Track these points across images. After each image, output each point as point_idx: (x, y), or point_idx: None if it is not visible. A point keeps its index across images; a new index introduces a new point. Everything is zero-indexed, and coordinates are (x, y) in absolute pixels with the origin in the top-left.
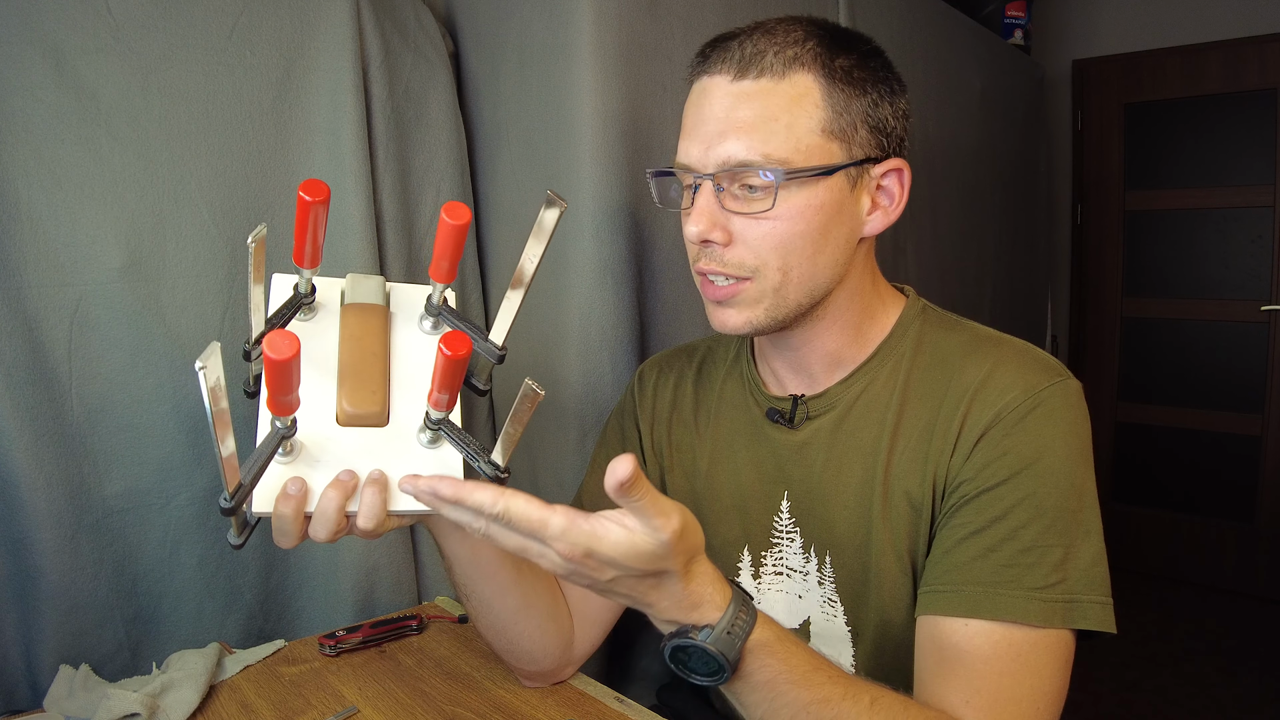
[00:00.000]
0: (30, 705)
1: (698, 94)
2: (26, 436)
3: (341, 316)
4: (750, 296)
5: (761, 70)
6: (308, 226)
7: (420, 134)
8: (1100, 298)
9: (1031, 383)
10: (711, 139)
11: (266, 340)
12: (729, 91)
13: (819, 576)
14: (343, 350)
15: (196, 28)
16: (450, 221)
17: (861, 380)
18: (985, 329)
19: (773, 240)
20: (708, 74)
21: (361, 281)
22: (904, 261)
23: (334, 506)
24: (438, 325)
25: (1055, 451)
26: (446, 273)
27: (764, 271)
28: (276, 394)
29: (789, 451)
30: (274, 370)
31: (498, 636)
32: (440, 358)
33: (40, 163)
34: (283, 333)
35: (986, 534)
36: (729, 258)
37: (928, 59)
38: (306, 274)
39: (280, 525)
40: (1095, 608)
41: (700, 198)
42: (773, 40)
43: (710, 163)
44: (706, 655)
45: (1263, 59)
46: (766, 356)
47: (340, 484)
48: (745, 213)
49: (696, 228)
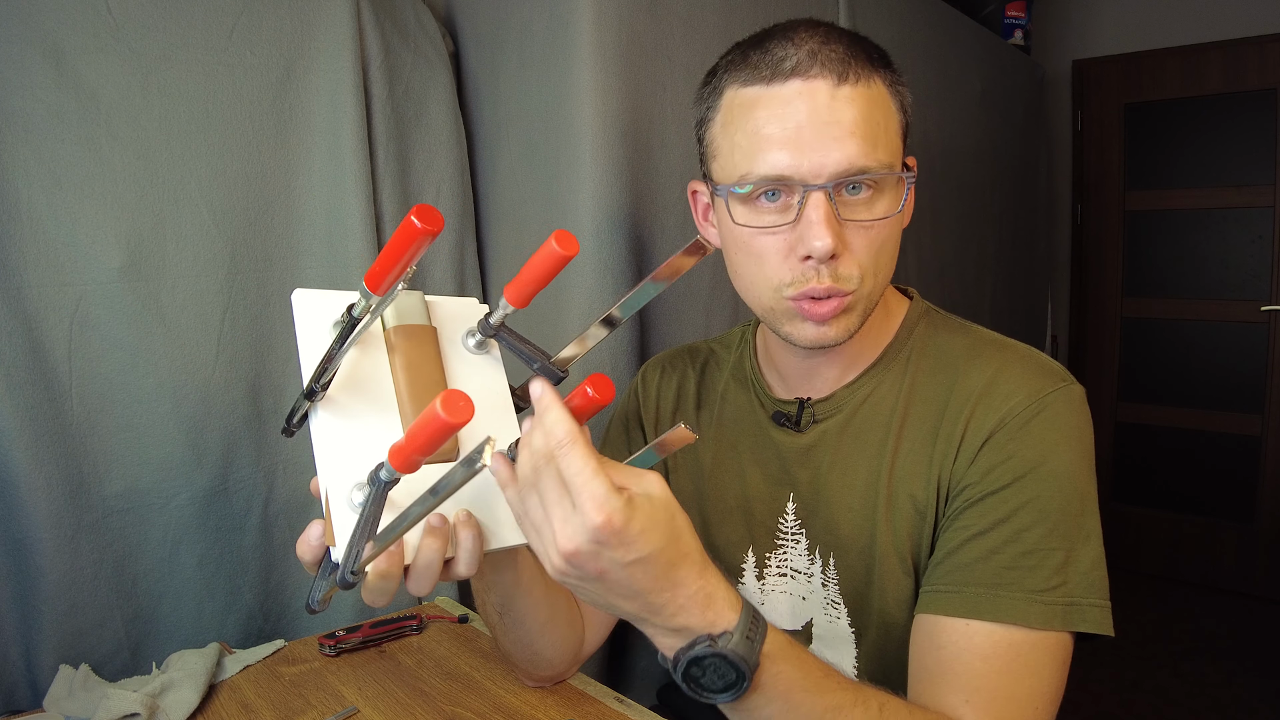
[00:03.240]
0: (30, 705)
1: (787, 99)
2: (26, 436)
3: (393, 343)
4: (849, 305)
5: (858, 74)
6: (405, 253)
7: (420, 134)
8: (1100, 298)
9: (1036, 388)
10: (825, 145)
11: (444, 398)
12: (835, 95)
13: (823, 578)
14: (400, 379)
15: (196, 28)
16: (559, 251)
17: (868, 384)
18: (989, 333)
19: (875, 247)
20: (802, 78)
21: (403, 299)
22: (904, 261)
23: (437, 557)
24: (483, 345)
25: (1059, 456)
26: (526, 297)
27: (866, 279)
28: (419, 453)
29: (794, 454)
30: (441, 432)
31: (524, 649)
32: (581, 398)
33: (40, 163)
34: (459, 394)
35: (989, 536)
36: (841, 271)
37: (928, 59)
38: (375, 300)
39: (381, 585)
40: (1094, 610)
41: (815, 210)
42: (842, 46)
43: (825, 171)
44: (725, 665)
45: (1263, 59)
46: (775, 361)
47: (436, 532)
48: (862, 220)
49: (826, 242)
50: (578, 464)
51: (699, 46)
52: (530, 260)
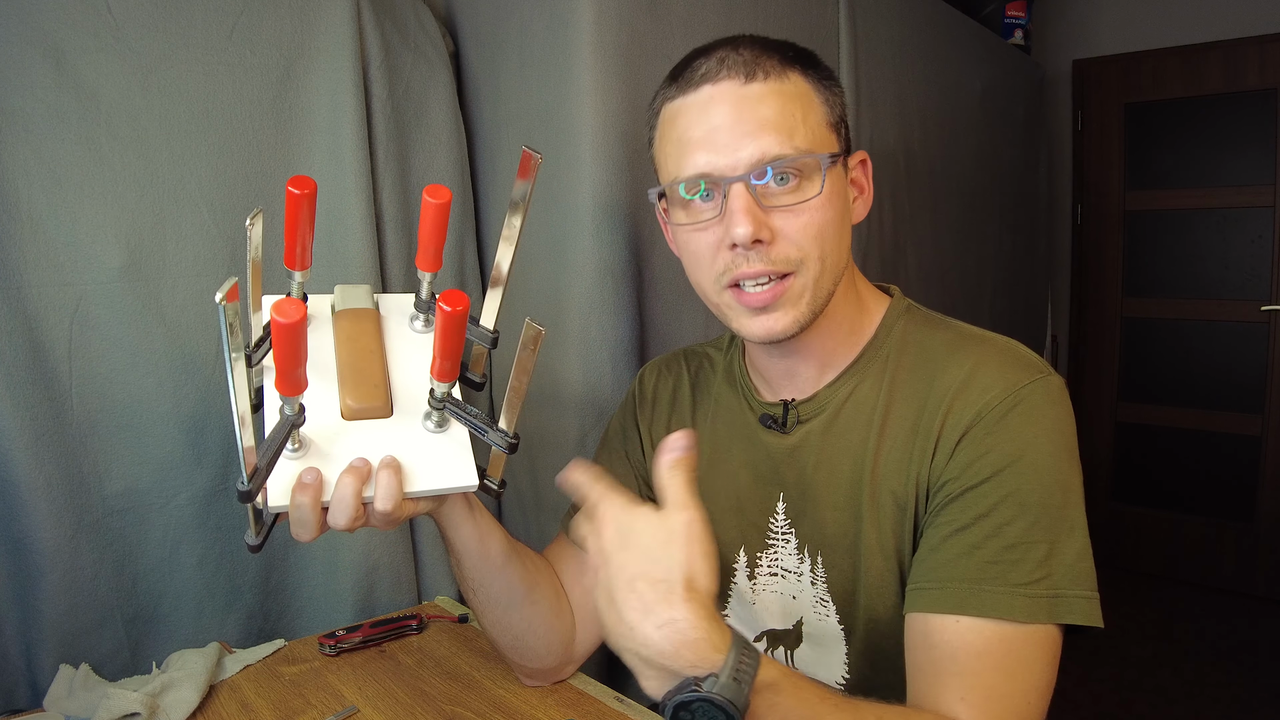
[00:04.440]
0: (30, 705)
1: (701, 104)
2: (26, 436)
3: (334, 322)
4: (794, 293)
5: (768, 72)
6: (299, 223)
7: (420, 134)
8: (1100, 298)
9: (1012, 381)
10: (738, 140)
11: (275, 306)
12: (743, 94)
13: (812, 577)
14: (340, 351)
15: (196, 28)
16: (432, 201)
17: (850, 382)
18: (970, 327)
19: (813, 229)
20: (711, 83)
21: (350, 290)
22: (904, 261)
23: (351, 491)
24: (429, 324)
25: (1038, 448)
26: (433, 260)
27: (806, 263)
28: (287, 368)
29: (782, 455)
30: (284, 336)
31: (503, 632)
32: (440, 315)
33: (40, 162)
34: (291, 300)
35: (971, 531)
36: (775, 254)
37: (928, 59)
38: (298, 278)
39: (299, 515)
40: (1080, 602)
41: (736, 200)
42: (750, 50)
43: (741, 164)
44: (713, 708)
45: (1263, 59)
46: (758, 365)
47: (355, 470)
48: (788, 205)
49: (746, 229)
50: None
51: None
52: (420, 226)
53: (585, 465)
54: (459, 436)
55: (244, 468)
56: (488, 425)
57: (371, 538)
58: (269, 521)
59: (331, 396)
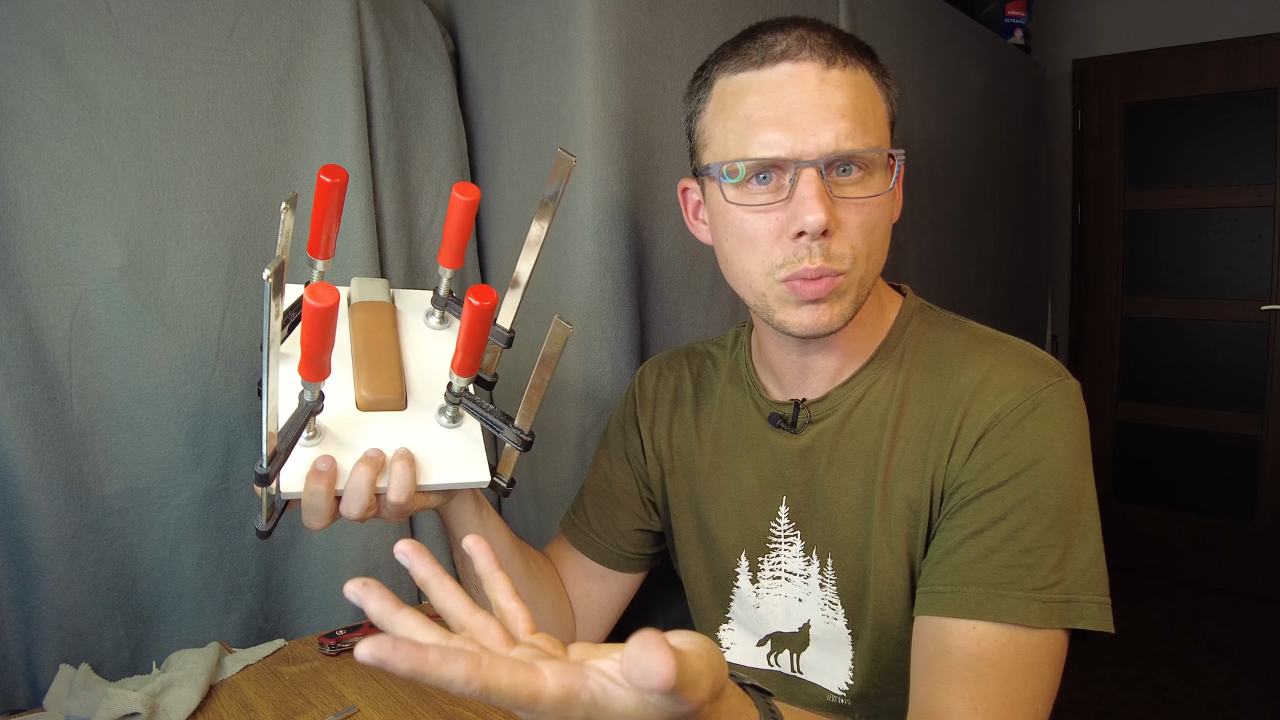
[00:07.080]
0: (30, 705)
1: (777, 82)
2: (26, 436)
3: (350, 314)
4: (842, 289)
5: (846, 60)
6: (326, 212)
7: (420, 134)
8: (1100, 297)
9: (1030, 383)
10: (816, 125)
11: (309, 289)
12: (824, 78)
13: (820, 579)
14: (356, 342)
15: (196, 27)
16: (461, 198)
17: (863, 382)
18: (983, 328)
19: (867, 227)
20: (791, 61)
21: (367, 283)
22: (904, 261)
23: (365, 481)
24: (444, 320)
25: (1055, 452)
26: (455, 256)
27: (857, 260)
28: (314, 352)
29: (791, 456)
30: (316, 320)
31: None
32: (468, 309)
33: (40, 162)
34: (324, 284)
35: (987, 535)
36: (834, 250)
37: (928, 59)
38: (319, 266)
39: (313, 503)
40: (1092, 607)
41: (808, 186)
42: (830, 34)
43: (817, 149)
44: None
45: (1263, 59)
46: (770, 361)
47: (370, 460)
48: (854, 197)
49: (819, 216)
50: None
51: (699, 46)
52: (446, 222)
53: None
54: (472, 432)
55: (264, 450)
56: (504, 421)
57: (371, 537)
58: (279, 507)
59: (347, 387)
